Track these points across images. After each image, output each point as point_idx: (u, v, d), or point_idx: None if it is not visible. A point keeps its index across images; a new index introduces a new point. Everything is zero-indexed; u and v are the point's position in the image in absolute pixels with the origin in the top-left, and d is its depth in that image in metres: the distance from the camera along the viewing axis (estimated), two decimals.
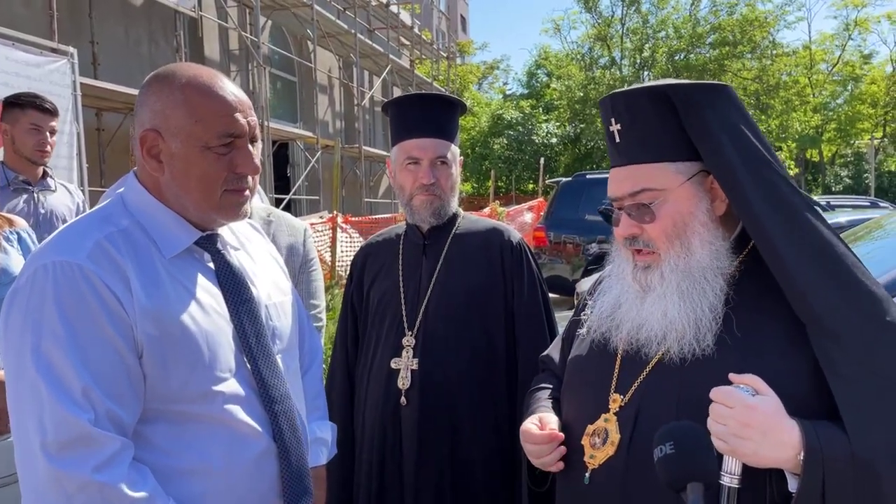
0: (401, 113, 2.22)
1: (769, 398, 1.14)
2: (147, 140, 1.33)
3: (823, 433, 1.12)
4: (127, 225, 1.33)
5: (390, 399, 2.12)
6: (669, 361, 1.28)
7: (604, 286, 1.45)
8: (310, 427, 1.62)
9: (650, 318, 1.30)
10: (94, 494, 1.17)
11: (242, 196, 1.38)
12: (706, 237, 1.28)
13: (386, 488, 2.13)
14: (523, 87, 41.93)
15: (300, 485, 1.43)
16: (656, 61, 34.00)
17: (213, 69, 1.39)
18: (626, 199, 1.32)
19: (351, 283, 2.37)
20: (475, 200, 26.56)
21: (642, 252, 1.33)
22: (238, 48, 13.84)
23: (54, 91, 6.28)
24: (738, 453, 1.13)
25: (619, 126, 1.31)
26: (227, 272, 1.42)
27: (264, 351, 1.41)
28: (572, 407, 1.44)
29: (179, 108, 1.31)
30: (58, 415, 1.16)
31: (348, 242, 9.56)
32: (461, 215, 2.30)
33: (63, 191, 3.44)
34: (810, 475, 1.10)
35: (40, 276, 1.23)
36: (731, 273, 1.29)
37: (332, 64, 18.22)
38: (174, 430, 1.29)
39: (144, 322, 1.25)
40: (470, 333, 2.13)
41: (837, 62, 35.20)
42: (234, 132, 1.33)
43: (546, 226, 10.31)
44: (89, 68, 9.42)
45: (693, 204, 1.28)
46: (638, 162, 1.30)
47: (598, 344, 1.41)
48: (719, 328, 1.25)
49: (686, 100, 1.25)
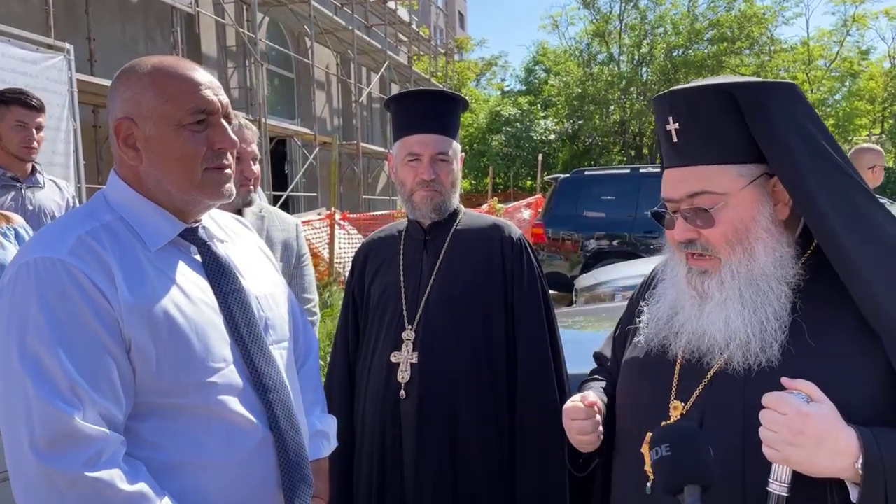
0: (402, 109, 2.21)
1: (824, 405, 1.09)
2: (122, 129, 1.32)
3: (885, 440, 1.08)
4: (109, 220, 1.32)
5: (390, 392, 2.13)
6: (732, 371, 1.23)
7: (658, 291, 1.40)
8: (310, 420, 1.62)
9: (711, 327, 1.25)
10: (86, 490, 1.15)
11: (224, 174, 1.37)
12: (770, 243, 1.23)
13: (386, 481, 2.13)
14: (521, 84, 41.92)
15: (299, 473, 1.42)
16: (654, 57, 33.99)
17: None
18: (682, 201, 1.25)
19: (352, 278, 2.37)
20: (473, 197, 26.56)
21: (698, 256, 1.27)
22: (235, 45, 13.81)
23: (50, 87, 6.26)
24: (791, 461, 1.09)
25: (677, 125, 1.25)
26: (213, 263, 1.41)
27: (256, 340, 1.40)
28: (631, 415, 1.39)
29: (148, 91, 1.31)
30: (46, 411, 1.15)
31: (346, 239, 9.55)
32: (462, 211, 2.30)
33: (52, 186, 3.42)
34: (871, 484, 1.05)
35: (23, 273, 1.22)
36: (796, 279, 1.24)
37: (330, 60, 18.18)
38: (168, 424, 1.28)
39: (131, 316, 1.24)
40: (470, 328, 2.13)
41: (835, 58, 35.20)
42: (205, 108, 1.33)
43: (544, 222, 10.30)
44: (86, 65, 9.39)
45: (756, 208, 1.23)
46: (697, 163, 1.24)
47: (657, 350, 1.35)
48: (786, 337, 1.20)
49: (752, 99, 1.19)
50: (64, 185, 3.57)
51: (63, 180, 3.78)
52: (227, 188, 1.39)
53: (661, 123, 1.29)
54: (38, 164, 3.38)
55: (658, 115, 1.31)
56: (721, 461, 1.13)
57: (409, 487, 2.10)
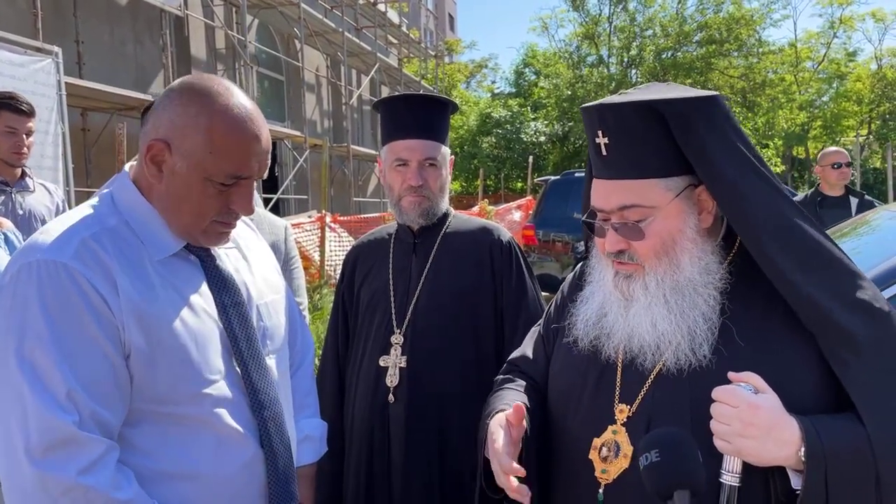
0: (391, 112, 2.21)
1: (770, 396, 1.13)
2: (154, 148, 1.30)
3: (824, 428, 1.12)
4: (115, 224, 1.31)
5: (378, 396, 2.12)
6: (668, 372, 1.26)
7: (585, 293, 1.42)
8: (300, 425, 1.62)
9: (638, 328, 1.28)
10: (79, 498, 1.15)
11: (229, 227, 1.40)
12: (696, 253, 1.26)
13: (374, 485, 2.13)
14: (511, 86, 41.91)
15: (286, 491, 1.43)
16: (644, 59, 34.09)
17: (252, 104, 1.34)
18: (613, 211, 1.27)
19: (342, 281, 2.37)
20: (464, 199, 26.54)
21: (625, 263, 1.30)
22: (225, 47, 13.77)
23: (38, 91, 6.24)
24: (743, 453, 1.12)
25: (606, 139, 1.26)
26: (216, 275, 1.40)
27: (254, 355, 1.40)
28: (572, 421, 1.38)
29: (200, 135, 1.27)
30: (42, 418, 1.14)
31: (337, 242, 9.53)
32: (451, 214, 2.30)
33: (42, 191, 3.41)
34: (813, 471, 1.09)
35: (24, 275, 1.20)
36: (723, 283, 1.27)
37: (320, 63, 18.16)
38: (159, 432, 1.27)
39: (132, 323, 1.23)
40: (459, 332, 2.13)
41: (823, 60, 35.42)
42: (242, 175, 1.32)
43: (535, 224, 10.31)
44: (74, 68, 9.34)
45: (682, 220, 1.25)
46: (626, 177, 1.25)
47: (590, 352, 1.36)
48: (716, 338, 1.23)
49: (678, 114, 1.21)
50: (53, 188, 3.56)
51: (52, 184, 3.77)
52: (226, 239, 1.42)
53: (591, 135, 1.30)
54: (28, 169, 3.37)
55: (587, 126, 1.32)
56: None
57: (396, 491, 2.09)
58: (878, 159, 30.70)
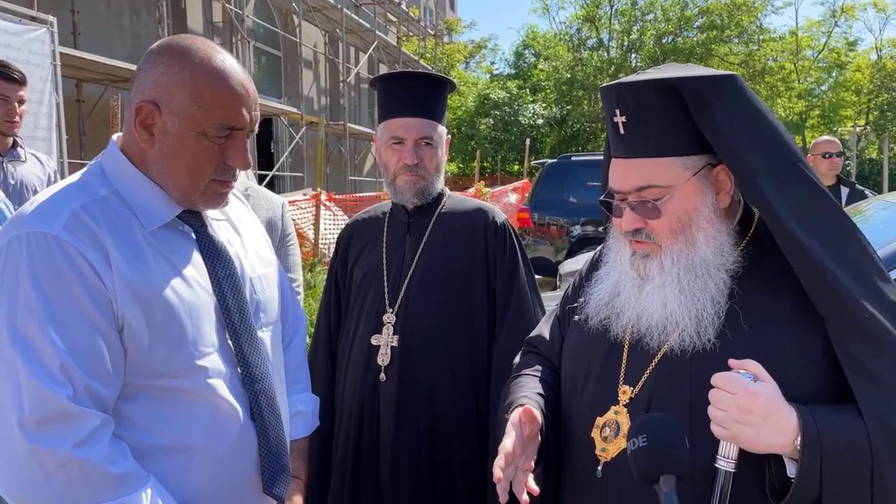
0: (388, 90, 2.19)
1: (769, 384, 1.14)
2: (143, 111, 1.28)
3: (822, 418, 1.12)
4: (105, 194, 1.29)
5: (370, 375, 2.13)
6: (673, 354, 1.26)
7: (601, 273, 1.42)
8: (291, 400, 1.62)
9: (649, 307, 1.28)
10: (74, 471, 1.14)
11: (227, 187, 1.37)
12: (710, 232, 1.26)
13: (362, 463, 2.14)
14: (510, 68, 41.67)
15: (278, 463, 1.43)
16: (644, 44, 33.91)
17: (232, 58, 1.34)
18: (630, 192, 1.28)
19: (336, 258, 2.37)
20: (460, 180, 26.49)
21: (642, 241, 1.30)
22: (222, 21, 13.62)
23: (33, 60, 6.17)
24: (739, 439, 1.13)
25: (623, 118, 1.26)
26: (209, 245, 1.38)
27: (247, 328, 1.39)
28: (578, 398, 1.40)
29: (186, 89, 1.26)
30: (35, 391, 1.13)
31: (332, 220, 9.52)
32: (447, 194, 2.30)
33: (34, 161, 3.38)
34: (808, 460, 1.10)
35: (14, 247, 1.19)
36: (734, 267, 1.27)
37: (318, 39, 18.00)
38: (154, 406, 1.27)
39: (125, 295, 1.21)
40: (451, 312, 2.13)
41: (823, 49, 35.27)
42: (234, 125, 1.30)
43: (530, 207, 10.31)
44: (69, 38, 9.24)
45: (699, 199, 1.26)
46: (644, 156, 1.26)
47: (599, 332, 1.38)
48: (721, 323, 1.24)
49: (696, 93, 1.20)
50: (45, 159, 3.53)
51: (45, 155, 3.74)
52: (226, 200, 1.40)
53: (609, 115, 1.31)
54: (20, 139, 3.34)
55: (605, 105, 1.32)
56: None
57: (384, 469, 2.11)
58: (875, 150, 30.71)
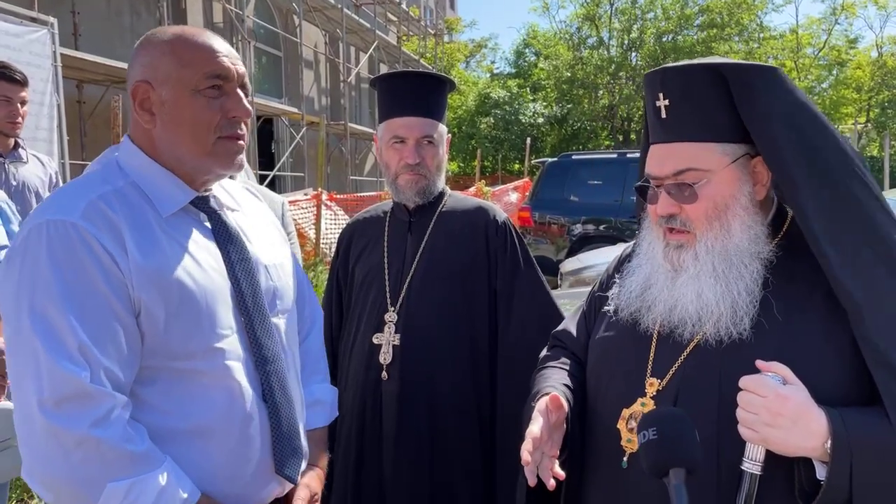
0: (389, 89, 2.20)
1: (798, 387, 1.13)
2: (139, 92, 1.34)
3: (851, 420, 1.12)
4: (122, 185, 1.33)
5: (371, 374, 2.13)
6: (706, 345, 1.26)
7: (633, 265, 1.42)
8: (310, 389, 1.65)
9: (683, 298, 1.28)
10: (91, 450, 1.18)
11: (237, 144, 1.39)
12: (746, 221, 1.26)
13: (364, 462, 2.15)
14: (511, 67, 41.63)
15: (290, 445, 1.45)
16: (644, 42, 33.89)
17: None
18: (667, 177, 1.28)
19: (337, 258, 2.37)
20: (461, 180, 26.49)
21: (675, 231, 1.30)
22: (222, 21, 13.63)
23: (34, 62, 6.17)
24: (769, 442, 1.13)
25: (667, 101, 1.27)
26: (223, 231, 1.42)
27: (260, 311, 1.42)
28: (605, 390, 1.41)
29: (167, 57, 1.33)
30: (54, 372, 1.17)
31: (333, 220, 9.53)
32: (448, 193, 2.30)
33: (35, 162, 3.39)
34: (838, 462, 1.10)
35: (34, 236, 1.23)
36: (768, 256, 1.27)
37: (318, 39, 18.00)
38: (171, 389, 1.30)
39: (141, 280, 1.25)
40: (452, 310, 2.13)
41: (823, 46, 35.25)
42: (220, 73, 1.34)
43: (531, 206, 10.31)
44: (70, 39, 9.25)
45: (736, 187, 1.26)
46: (684, 140, 1.26)
47: (629, 325, 1.38)
48: (756, 312, 1.23)
49: (742, 81, 1.21)
50: (47, 160, 3.54)
51: (46, 156, 3.75)
52: (239, 160, 1.41)
53: (651, 99, 1.31)
54: (22, 140, 3.34)
55: (648, 90, 1.33)
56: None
57: (387, 468, 2.11)
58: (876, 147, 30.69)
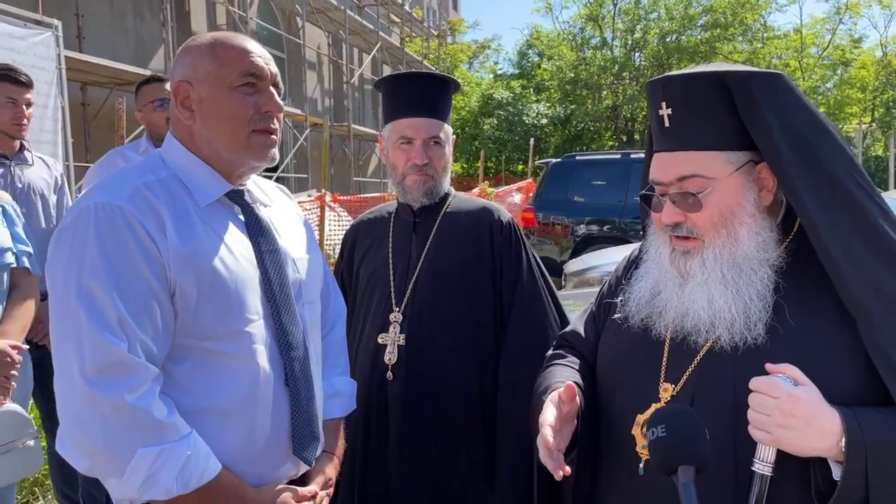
0: (394, 91, 2.20)
1: (810, 388, 1.13)
2: (180, 91, 1.46)
3: (865, 419, 1.12)
4: (165, 175, 1.45)
5: (377, 374, 2.13)
6: (721, 350, 1.25)
7: (640, 271, 1.41)
8: (331, 381, 1.74)
9: (694, 305, 1.27)
10: (126, 416, 1.26)
11: (270, 138, 1.49)
12: (754, 228, 1.26)
13: (370, 461, 2.14)
14: (514, 67, 41.64)
15: (308, 429, 1.53)
16: (647, 43, 33.88)
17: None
18: (671, 185, 1.27)
19: (342, 259, 2.38)
20: (464, 181, 26.48)
21: (682, 238, 1.29)
22: (226, 23, 13.66)
23: (38, 64, 6.19)
24: (782, 443, 1.12)
25: (669, 110, 1.26)
26: (255, 223, 1.52)
27: (286, 299, 1.51)
28: (618, 396, 1.40)
29: (206, 57, 1.45)
30: (96, 341, 1.26)
31: (336, 221, 9.52)
32: (452, 194, 2.30)
33: (40, 164, 3.38)
34: (853, 461, 1.10)
35: (84, 216, 1.33)
36: (778, 261, 1.27)
37: (321, 40, 18.03)
38: (199, 369, 1.39)
39: (177, 262, 1.35)
40: (458, 311, 2.13)
41: (828, 46, 35.17)
42: (254, 71, 1.45)
43: (535, 207, 10.30)
44: (74, 41, 9.27)
45: (741, 194, 1.25)
46: (688, 148, 1.26)
47: (640, 331, 1.37)
48: (770, 317, 1.23)
49: (744, 88, 1.20)
50: (52, 162, 3.53)
51: (51, 158, 3.75)
52: (272, 153, 1.51)
53: (654, 108, 1.31)
54: (27, 142, 3.34)
55: (651, 99, 1.32)
56: (713, 439, 1.15)
57: (392, 468, 2.11)
58: (881, 147, 30.60)
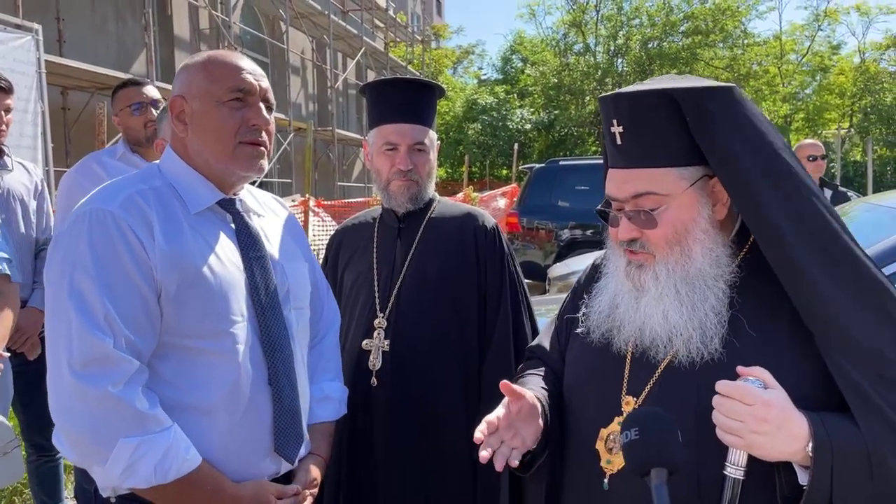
0: (379, 96, 2.20)
1: (780, 392, 1.14)
2: (175, 105, 1.55)
3: (831, 424, 1.13)
4: (159, 184, 1.54)
5: (361, 380, 2.13)
6: (679, 364, 1.26)
7: (600, 284, 1.42)
8: (321, 386, 1.80)
9: (650, 320, 1.28)
10: (111, 407, 1.34)
11: (257, 149, 1.56)
12: (707, 244, 1.26)
13: (356, 467, 2.14)
14: (498, 73, 41.72)
15: (292, 429, 1.58)
16: (630, 49, 34.12)
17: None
18: (627, 201, 1.27)
19: (326, 264, 2.37)
20: (449, 185, 26.51)
21: (636, 252, 1.30)
22: (209, 27, 13.60)
23: (18, 69, 6.13)
24: (753, 448, 1.13)
25: (620, 128, 1.26)
26: (245, 231, 1.60)
27: (272, 303, 1.58)
28: (581, 411, 1.41)
29: (199, 74, 1.54)
30: (84, 336, 1.34)
31: (321, 226, 9.49)
32: (437, 199, 2.31)
33: (20, 169, 3.34)
34: (820, 466, 1.10)
35: (79, 220, 1.43)
36: (732, 276, 1.27)
37: (305, 45, 17.99)
38: (183, 366, 1.46)
39: (164, 265, 1.43)
40: (442, 316, 2.14)
41: (807, 52, 35.62)
42: (243, 87, 1.53)
43: (519, 212, 10.33)
44: (54, 45, 9.19)
45: (695, 210, 1.25)
46: (640, 166, 1.25)
47: (601, 344, 1.38)
48: (726, 331, 1.24)
49: (694, 105, 1.20)
50: (32, 167, 3.49)
51: (31, 163, 3.70)
52: (261, 164, 1.58)
53: (606, 125, 1.31)
54: (6, 147, 3.30)
55: (603, 116, 1.32)
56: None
57: (379, 473, 2.11)
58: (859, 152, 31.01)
